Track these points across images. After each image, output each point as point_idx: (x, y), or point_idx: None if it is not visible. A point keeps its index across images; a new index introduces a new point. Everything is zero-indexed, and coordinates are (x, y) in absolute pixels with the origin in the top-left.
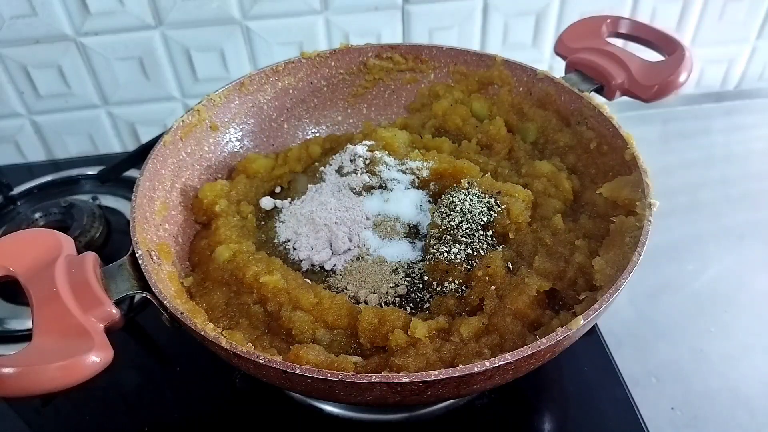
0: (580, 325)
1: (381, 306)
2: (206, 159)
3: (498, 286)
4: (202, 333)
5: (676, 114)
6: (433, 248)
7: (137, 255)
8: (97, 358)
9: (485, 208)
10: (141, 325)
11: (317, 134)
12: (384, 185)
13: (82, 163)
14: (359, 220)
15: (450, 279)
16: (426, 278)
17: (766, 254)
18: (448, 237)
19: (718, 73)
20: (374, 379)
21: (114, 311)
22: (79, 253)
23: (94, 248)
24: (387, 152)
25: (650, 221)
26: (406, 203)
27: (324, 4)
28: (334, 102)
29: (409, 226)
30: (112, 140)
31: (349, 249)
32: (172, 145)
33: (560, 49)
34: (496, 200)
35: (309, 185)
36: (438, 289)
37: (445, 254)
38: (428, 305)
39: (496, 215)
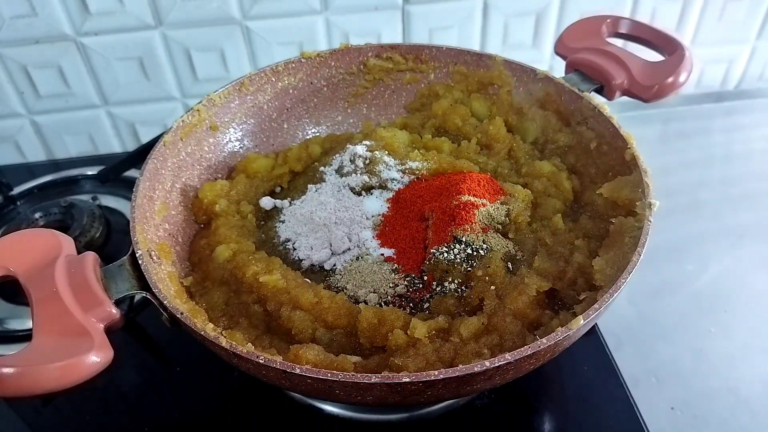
0: (580, 325)
1: (381, 306)
2: (206, 159)
3: (498, 286)
4: (202, 333)
5: (676, 114)
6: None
7: (137, 255)
8: (97, 358)
9: None
10: (141, 325)
11: (317, 134)
12: (384, 185)
13: (82, 163)
14: (359, 220)
15: (450, 279)
16: (426, 278)
17: (766, 254)
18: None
19: (718, 73)
20: (374, 379)
21: (114, 311)
22: (79, 253)
23: (94, 248)
24: (387, 152)
25: (650, 221)
26: None
27: (324, 4)
28: (334, 102)
29: None
30: (112, 140)
31: (349, 249)
32: (172, 145)
33: (560, 49)
34: None
35: (309, 185)
36: (438, 289)
37: (445, 254)
38: (428, 305)
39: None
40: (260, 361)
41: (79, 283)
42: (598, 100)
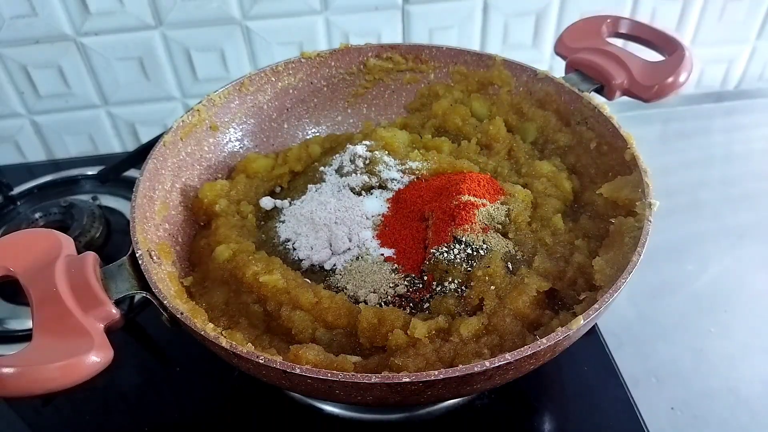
0: (580, 325)
1: (380, 306)
2: (206, 159)
3: (498, 286)
4: (202, 333)
5: (676, 114)
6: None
7: (137, 255)
8: (97, 358)
9: None
10: (141, 325)
11: (317, 134)
12: (384, 185)
13: (82, 163)
14: (359, 220)
15: (450, 279)
16: (426, 278)
17: (766, 254)
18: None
19: (718, 73)
20: (374, 379)
21: (114, 311)
22: (79, 253)
23: (94, 248)
24: (387, 152)
25: (650, 221)
26: None
27: (324, 4)
28: (334, 102)
29: None
30: (112, 140)
31: (349, 249)
32: (172, 145)
33: (560, 49)
34: None
35: (309, 185)
36: (438, 289)
37: (445, 254)
38: (428, 305)
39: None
40: (260, 361)
41: (79, 283)
42: (598, 100)
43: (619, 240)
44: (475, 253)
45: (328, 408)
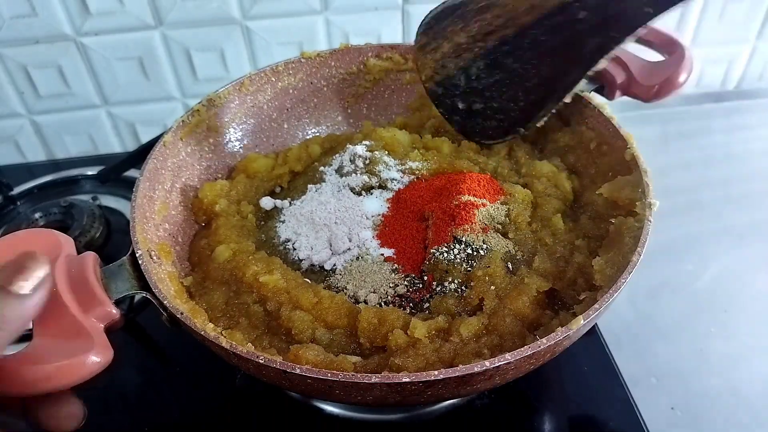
0: (580, 325)
1: (381, 306)
2: (206, 159)
3: (498, 286)
4: (202, 333)
5: (676, 114)
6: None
7: (137, 255)
8: (97, 358)
9: None
10: (141, 325)
11: (317, 134)
12: (384, 185)
13: (82, 163)
14: (359, 220)
15: (450, 279)
16: (426, 278)
17: (766, 254)
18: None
19: (718, 73)
20: (374, 379)
21: (114, 311)
22: (79, 253)
23: (94, 248)
24: (387, 152)
25: (650, 221)
26: None
27: (324, 4)
28: (334, 102)
29: None
30: (112, 140)
31: (349, 249)
32: (172, 145)
33: None
34: None
35: (309, 185)
36: (438, 289)
37: (445, 254)
38: (428, 305)
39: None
40: (260, 361)
41: (79, 283)
42: (598, 100)
43: (619, 240)
44: (475, 253)
45: (328, 408)
